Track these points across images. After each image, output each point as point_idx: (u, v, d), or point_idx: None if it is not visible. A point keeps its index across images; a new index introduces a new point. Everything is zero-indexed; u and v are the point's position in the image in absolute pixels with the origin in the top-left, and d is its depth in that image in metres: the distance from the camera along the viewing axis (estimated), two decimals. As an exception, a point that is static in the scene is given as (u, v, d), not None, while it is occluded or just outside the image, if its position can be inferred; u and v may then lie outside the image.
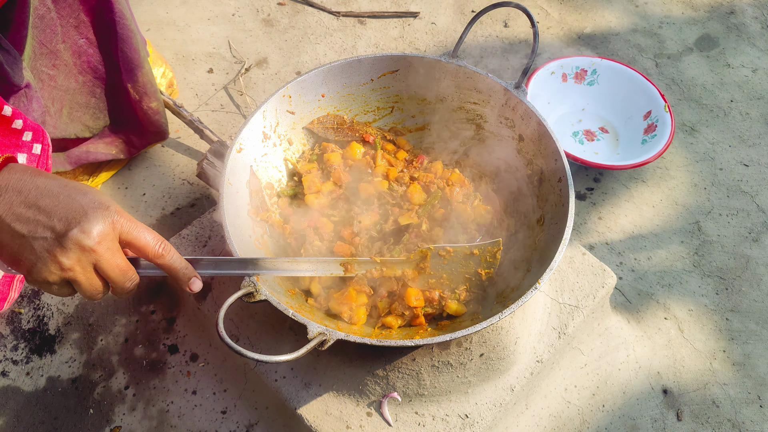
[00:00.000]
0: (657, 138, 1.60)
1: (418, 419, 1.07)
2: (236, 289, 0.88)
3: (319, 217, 1.14)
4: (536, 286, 0.94)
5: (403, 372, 1.08)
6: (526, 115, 1.15)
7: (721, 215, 1.58)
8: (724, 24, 2.02)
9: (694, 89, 1.84)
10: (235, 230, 1.01)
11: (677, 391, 1.31)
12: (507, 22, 1.98)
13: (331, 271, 1.00)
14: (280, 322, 1.14)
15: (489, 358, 1.10)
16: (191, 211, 1.51)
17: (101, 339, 1.30)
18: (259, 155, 1.16)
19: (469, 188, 1.19)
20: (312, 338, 0.86)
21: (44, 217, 0.76)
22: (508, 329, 1.13)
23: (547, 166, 1.12)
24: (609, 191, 1.61)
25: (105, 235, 0.77)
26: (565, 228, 1.00)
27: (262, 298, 0.89)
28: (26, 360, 1.27)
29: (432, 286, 1.06)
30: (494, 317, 0.92)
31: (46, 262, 0.76)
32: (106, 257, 0.78)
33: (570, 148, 1.61)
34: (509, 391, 1.11)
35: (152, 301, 1.35)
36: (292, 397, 1.08)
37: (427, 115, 1.28)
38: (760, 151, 1.71)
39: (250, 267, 0.91)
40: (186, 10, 1.95)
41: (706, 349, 1.37)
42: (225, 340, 0.80)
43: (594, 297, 1.22)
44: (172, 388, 1.25)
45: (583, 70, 1.74)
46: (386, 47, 1.90)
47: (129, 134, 1.49)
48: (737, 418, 1.28)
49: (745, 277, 1.47)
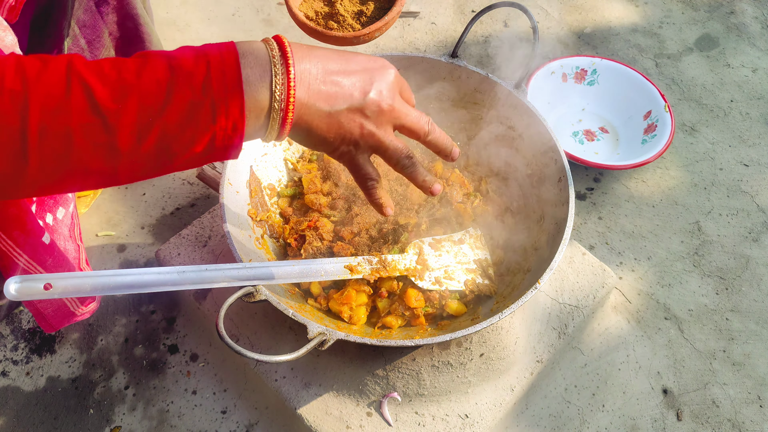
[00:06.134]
0: (657, 138, 1.60)
1: (418, 419, 1.08)
2: (236, 289, 0.88)
3: (319, 217, 1.14)
4: (536, 286, 0.94)
5: (403, 372, 1.08)
6: (526, 115, 1.15)
7: (721, 215, 1.58)
8: (724, 24, 2.02)
9: (694, 89, 1.84)
10: (235, 230, 1.01)
11: (677, 391, 1.31)
12: (507, 22, 1.98)
13: (338, 275, 1.00)
14: (280, 322, 1.14)
15: (489, 358, 1.10)
16: (191, 211, 1.51)
17: (101, 339, 1.30)
18: (259, 155, 1.16)
19: (469, 188, 1.19)
20: (312, 338, 0.86)
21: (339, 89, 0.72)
22: (508, 329, 1.13)
23: (547, 166, 1.12)
24: (609, 191, 1.61)
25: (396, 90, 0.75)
26: (565, 228, 1.00)
27: (262, 298, 0.89)
28: (26, 360, 1.27)
29: (438, 282, 1.06)
30: (494, 317, 0.92)
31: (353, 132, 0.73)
32: (407, 112, 0.76)
33: (570, 148, 1.61)
34: (509, 391, 1.11)
35: (152, 301, 1.35)
36: (292, 397, 1.08)
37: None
38: (760, 151, 1.71)
39: (258, 276, 0.90)
40: (186, 10, 1.95)
41: (706, 349, 1.37)
42: (225, 340, 0.80)
43: (594, 297, 1.22)
44: (172, 388, 1.25)
45: (583, 70, 1.74)
46: (386, 47, 1.90)
47: None
48: (737, 418, 1.28)
49: (745, 277, 1.47)
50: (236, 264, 0.90)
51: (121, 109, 0.60)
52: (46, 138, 0.59)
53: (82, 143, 0.60)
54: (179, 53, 0.64)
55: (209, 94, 0.63)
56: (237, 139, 0.67)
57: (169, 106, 0.62)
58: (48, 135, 0.59)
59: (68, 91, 0.59)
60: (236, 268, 0.89)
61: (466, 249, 1.11)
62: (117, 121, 0.60)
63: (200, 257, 1.24)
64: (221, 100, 0.64)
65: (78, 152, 0.61)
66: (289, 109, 0.68)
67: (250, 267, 0.90)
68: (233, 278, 0.88)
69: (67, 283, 0.79)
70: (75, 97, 0.59)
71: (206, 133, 0.64)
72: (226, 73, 0.64)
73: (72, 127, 0.59)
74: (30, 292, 0.76)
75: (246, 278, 0.89)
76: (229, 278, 0.87)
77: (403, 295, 1.05)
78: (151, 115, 0.61)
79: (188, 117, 0.63)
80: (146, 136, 0.62)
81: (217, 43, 0.67)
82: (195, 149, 0.65)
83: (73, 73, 0.60)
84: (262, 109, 0.67)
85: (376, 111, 0.73)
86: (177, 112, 0.62)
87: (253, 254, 1.03)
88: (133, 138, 0.62)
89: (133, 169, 0.65)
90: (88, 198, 1.47)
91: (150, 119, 0.61)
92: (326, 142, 0.74)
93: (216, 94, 0.63)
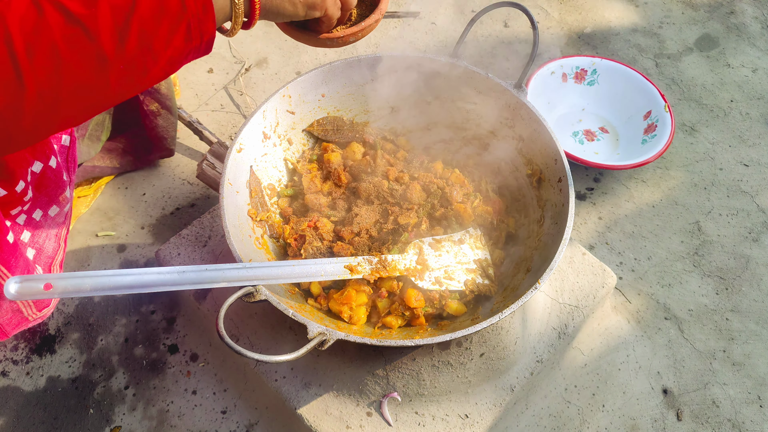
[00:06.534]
0: (657, 138, 1.60)
1: (418, 419, 1.08)
2: (236, 289, 0.88)
3: (319, 217, 1.14)
4: (536, 286, 0.94)
5: (403, 372, 1.08)
6: (526, 114, 1.15)
7: (721, 215, 1.58)
8: (724, 24, 2.02)
9: (694, 89, 1.84)
10: (235, 230, 1.01)
11: (677, 391, 1.31)
12: (507, 22, 1.98)
13: (338, 275, 1.00)
14: (280, 322, 1.14)
15: (489, 358, 1.10)
16: (191, 211, 1.51)
17: (101, 339, 1.30)
18: (259, 155, 1.16)
19: (469, 188, 1.19)
20: (312, 338, 0.86)
21: None
22: (508, 329, 1.13)
23: (547, 166, 1.12)
24: (609, 191, 1.61)
25: None
26: (565, 228, 1.00)
27: (262, 298, 0.89)
28: (26, 360, 1.27)
29: (438, 282, 1.06)
30: (494, 317, 0.92)
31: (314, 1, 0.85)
32: None
33: (570, 148, 1.61)
34: (509, 391, 1.11)
35: (152, 301, 1.35)
36: (292, 397, 1.08)
37: (427, 116, 1.28)
38: (760, 151, 1.71)
39: (259, 277, 0.90)
40: (186, 10, 1.95)
41: (706, 349, 1.37)
42: (225, 340, 0.80)
43: (594, 297, 1.22)
44: (172, 388, 1.25)
45: (583, 70, 1.74)
46: (386, 47, 1.90)
47: (137, 149, 1.50)
48: (737, 418, 1.28)
49: (745, 277, 1.47)
50: (236, 264, 0.90)
51: (95, 13, 0.64)
52: (35, 57, 0.62)
53: (69, 55, 0.64)
54: None
55: None
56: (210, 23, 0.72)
57: (139, 2, 0.66)
58: (36, 53, 0.62)
59: (40, 10, 0.62)
60: (236, 268, 0.89)
61: (466, 249, 1.11)
62: (94, 24, 0.64)
63: (200, 257, 1.24)
64: None
65: (68, 66, 0.64)
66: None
67: (250, 267, 0.90)
68: (233, 278, 0.88)
69: (67, 283, 0.79)
70: (48, 13, 0.62)
71: (181, 21, 0.69)
72: None
73: (55, 39, 0.63)
74: (30, 292, 0.76)
75: (246, 278, 0.89)
76: (229, 278, 0.88)
77: (403, 295, 1.05)
78: (124, 12, 0.65)
79: (160, 8, 0.67)
80: (126, 36, 0.66)
81: None
82: (174, 42, 0.69)
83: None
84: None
85: None
86: (148, 7, 0.67)
87: (253, 254, 1.03)
88: (114, 39, 0.65)
89: (122, 76, 0.68)
90: (89, 198, 1.47)
91: (125, 17, 0.65)
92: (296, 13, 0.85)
93: None
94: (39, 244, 1.02)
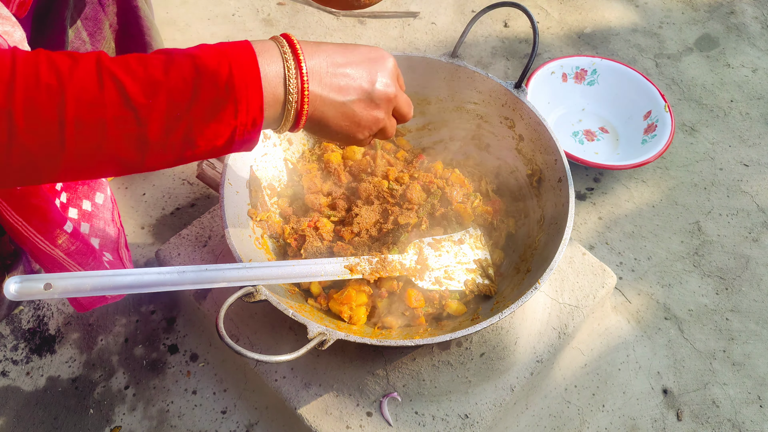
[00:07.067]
0: (657, 138, 1.60)
1: (418, 419, 1.08)
2: (236, 289, 0.88)
3: (319, 217, 1.14)
4: (536, 286, 0.94)
5: (403, 372, 1.08)
6: (526, 115, 1.15)
7: (721, 215, 1.58)
8: (724, 24, 2.02)
9: (694, 89, 1.85)
10: (235, 230, 1.01)
11: (677, 391, 1.31)
12: (507, 22, 1.98)
13: (338, 275, 1.00)
14: (280, 322, 1.14)
15: (489, 358, 1.10)
16: (191, 211, 1.51)
17: (101, 339, 1.30)
18: (259, 155, 1.16)
19: (469, 188, 1.20)
20: (312, 338, 0.86)
21: (349, 80, 0.78)
22: (508, 329, 1.13)
23: (547, 166, 1.12)
24: (609, 191, 1.61)
25: (395, 77, 0.83)
26: (565, 228, 1.00)
27: (262, 298, 0.89)
28: (26, 360, 1.27)
29: (438, 282, 1.06)
30: (494, 317, 0.92)
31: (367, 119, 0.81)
32: (402, 98, 0.86)
33: (570, 148, 1.61)
34: (509, 391, 1.11)
35: (152, 301, 1.35)
36: (292, 397, 1.09)
37: (427, 116, 1.28)
38: (760, 151, 1.71)
39: (259, 277, 0.90)
40: (186, 10, 1.95)
41: (706, 349, 1.37)
42: (225, 340, 0.80)
43: (594, 297, 1.22)
44: (172, 388, 1.25)
45: (583, 70, 1.74)
46: (386, 47, 1.90)
47: None
48: (737, 418, 1.28)
49: (745, 277, 1.47)
50: (236, 264, 0.90)
51: (152, 104, 0.65)
52: (81, 129, 0.63)
53: (114, 134, 0.65)
54: (200, 52, 0.69)
55: (232, 92, 0.68)
56: (255, 133, 0.73)
57: (195, 103, 0.67)
58: (84, 126, 0.63)
59: (101, 86, 0.63)
60: (236, 268, 0.89)
61: (466, 249, 1.11)
62: (148, 115, 0.65)
63: (200, 257, 1.24)
64: (243, 97, 0.69)
65: (111, 142, 0.65)
66: (304, 102, 0.74)
67: (250, 267, 0.90)
68: (233, 278, 0.88)
69: (67, 283, 0.79)
70: (108, 91, 0.63)
71: (228, 127, 0.70)
72: (246, 72, 0.69)
73: (106, 119, 0.64)
74: (30, 291, 0.77)
75: (246, 278, 0.89)
76: (229, 278, 0.88)
77: (403, 295, 1.05)
78: (179, 110, 0.66)
79: (213, 113, 0.68)
80: (174, 130, 0.67)
81: (231, 42, 0.71)
82: (217, 142, 0.71)
83: (104, 69, 0.63)
84: (279, 103, 0.73)
85: (383, 99, 0.81)
86: (203, 109, 0.67)
87: (253, 254, 1.03)
88: (162, 131, 0.66)
89: (157, 158, 0.69)
90: (88, 198, 1.48)
91: (178, 114, 0.66)
92: (341, 130, 0.81)
93: (238, 92, 0.68)
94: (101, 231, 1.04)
